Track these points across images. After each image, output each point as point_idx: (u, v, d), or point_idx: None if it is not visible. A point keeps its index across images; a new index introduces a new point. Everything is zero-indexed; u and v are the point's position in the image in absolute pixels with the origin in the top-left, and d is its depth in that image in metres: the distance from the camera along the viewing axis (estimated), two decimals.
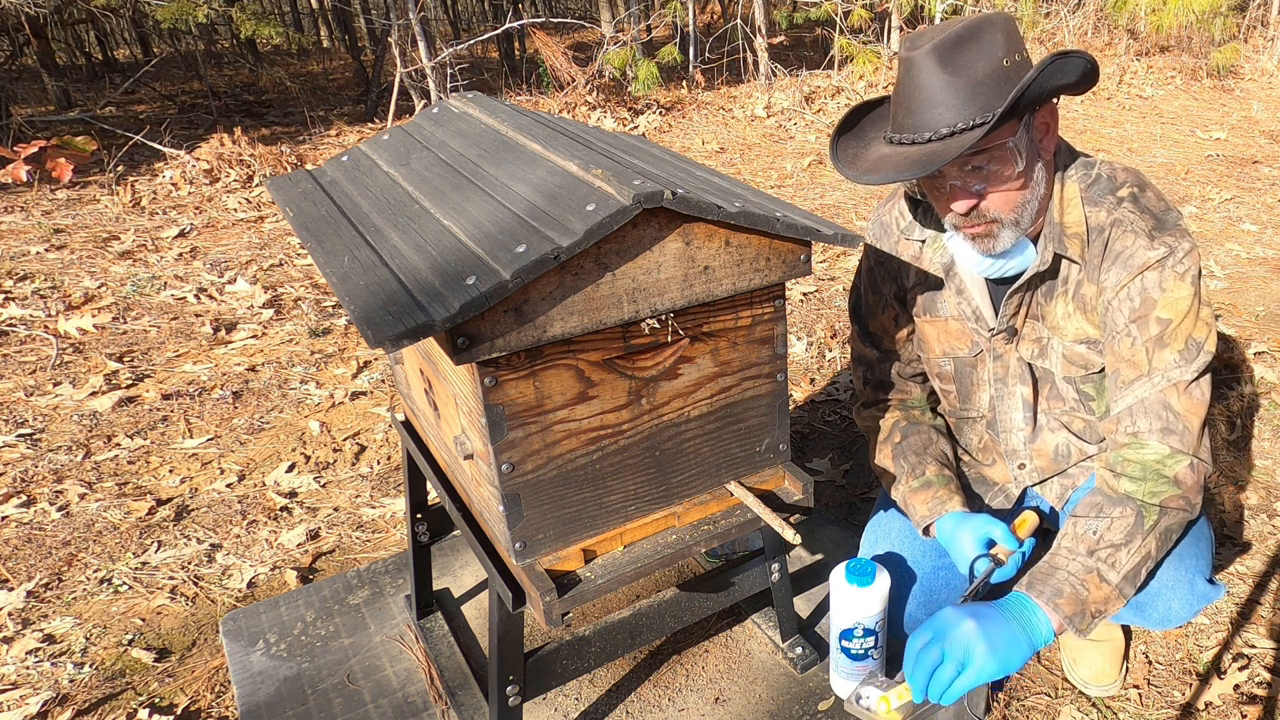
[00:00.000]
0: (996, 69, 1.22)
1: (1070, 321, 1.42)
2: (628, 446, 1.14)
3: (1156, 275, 1.31)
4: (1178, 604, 1.42)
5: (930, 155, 1.22)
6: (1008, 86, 1.21)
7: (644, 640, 1.45)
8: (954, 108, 1.22)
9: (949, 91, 1.21)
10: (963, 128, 1.22)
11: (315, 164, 5.50)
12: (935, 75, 1.21)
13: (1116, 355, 1.36)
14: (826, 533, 1.95)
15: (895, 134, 1.29)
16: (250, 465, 2.57)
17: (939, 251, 1.49)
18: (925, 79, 1.22)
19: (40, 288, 3.79)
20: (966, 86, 1.21)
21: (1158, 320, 1.31)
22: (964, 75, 1.21)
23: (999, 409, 1.55)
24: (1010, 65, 1.23)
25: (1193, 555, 1.42)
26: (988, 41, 1.22)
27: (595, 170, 1.01)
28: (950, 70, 1.21)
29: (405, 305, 0.90)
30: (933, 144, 1.24)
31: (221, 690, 1.79)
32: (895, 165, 1.25)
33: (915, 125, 1.25)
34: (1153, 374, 1.32)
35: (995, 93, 1.21)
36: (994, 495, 1.66)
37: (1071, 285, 1.40)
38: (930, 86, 1.22)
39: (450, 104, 1.46)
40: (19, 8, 5.98)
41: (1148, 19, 7.44)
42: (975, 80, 1.21)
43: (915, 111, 1.24)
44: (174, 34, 10.36)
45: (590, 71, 6.76)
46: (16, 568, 2.15)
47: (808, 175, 5.34)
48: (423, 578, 1.68)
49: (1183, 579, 1.41)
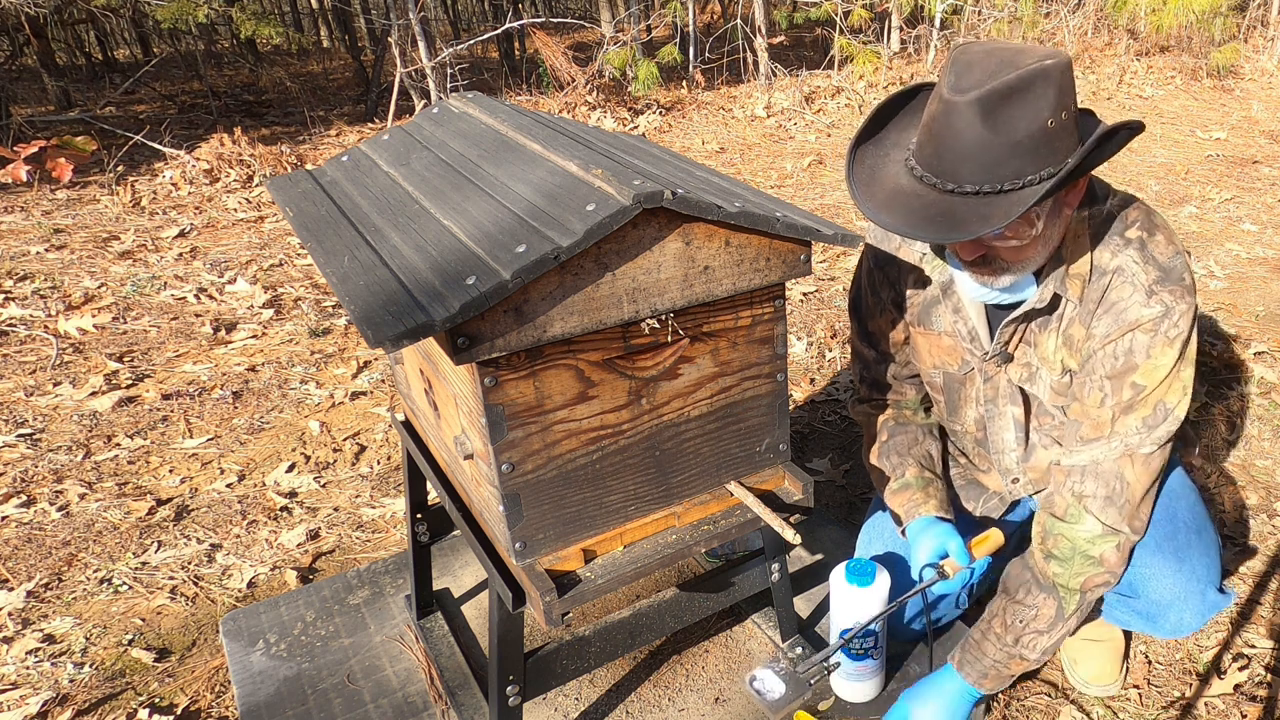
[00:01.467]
0: (1040, 130, 1.13)
1: (1057, 356, 1.39)
2: (628, 446, 1.14)
3: (1146, 339, 1.28)
4: (1189, 615, 1.43)
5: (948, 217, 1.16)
6: (1046, 151, 1.14)
7: (644, 640, 1.45)
8: (986, 167, 1.14)
9: (984, 150, 1.13)
10: (989, 190, 1.15)
11: (315, 164, 5.50)
12: (973, 128, 1.12)
13: (1082, 404, 1.35)
14: (826, 533, 1.95)
15: (919, 165, 1.21)
16: (250, 465, 2.57)
17: (937, 269, 1.47)
18: (962, 129, 1.13)
19: (40, 288, 3.79)
20: (1004, 147, 1.13)
21: (1132, 385, 1.29)
22: (1004, 135, 1.12)
23: (990, 429, 1.55)
24: (1055, 126, 1.14)
25: (1204, 565, 1.42)
26: (1037, 97, 1.12)
27: (595, 170, 1.01)
28: (991, 127, 1.12)
29: (405, 305, 0.90)
30: (955, 196, 1.17)
31: (221, 690, 1.79)
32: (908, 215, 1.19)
33: (941, 170, 1.17)
34: (1112, 438, 1.32)
35: (1031, 157, 1.14)
36: (987, 500, 1.66)
37: (1064, 322, 1.36)
38: (965, 138, 1.13)
39: (450, 104, 1.46)
40: (19, 8, 5.98)
41: (1148, 19, 7.44)
42: (1014, 141, 1.13)
43: (944, 157, 1.16)
44: (174, 34, 10.36)
45: (590, 71, 6.76)
46: (16, 568, 2.15)
47: (808, 175, 5.34)
48: (423, 578, 1.68)
49: (1194, 590, 1.41)
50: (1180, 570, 1.41)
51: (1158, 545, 1.43)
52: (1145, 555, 1.43)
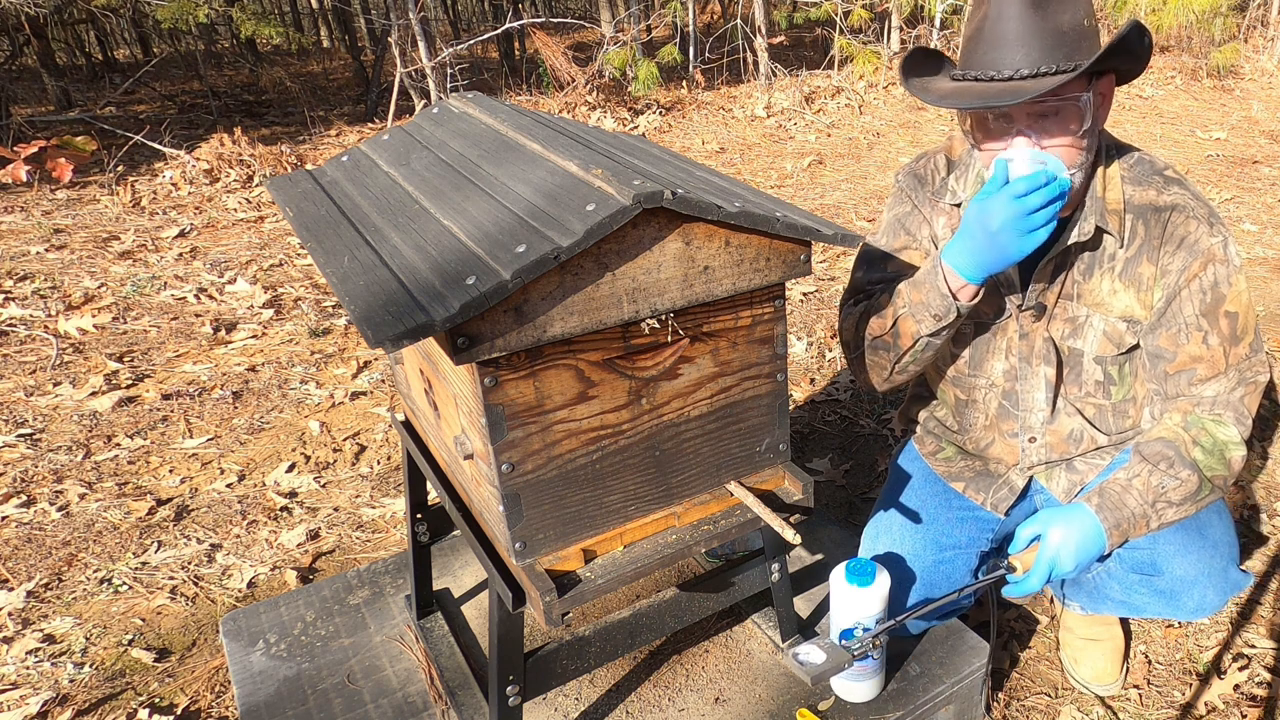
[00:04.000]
0: (1080, 25, 1.25)
1: (1118, 298, 1.43)
2: (628, 446, 1.14)
3: (1225, 270, 1.36)
4: (1212, 593, 1.46)
5: (1013, 90, 1.24)
6: (1086, 44, 1.25)
7: (644, 640, 1.45)
8: (1041, 50, 1.24)
9: (1037, 36, 1.24)
10: (1046, 71, 1.24)
11: (315, 164, 5.50)
12: (1027, 17, 1.24)
13: (1182, 348, 1.40)
14: (826, 533, 1.95)
15: (969, 70, 1.31)
16: (250, 465, 2.57)
17: None
18: (1014, 17, 1.24)
19: (40, 288, 3.79)
20: (1054, 33, 1.24)
21: (1227, 315, 1.36)
22: (1053, 21, 1.24)
23: (1020, 386, 1.54)
24: (1089, 26, 1.27)
25: (1225, 543, 1.46)
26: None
27: (595, 170, 1.01)
28: (1041, 15, 1.23)
29: (405, 305, 0.90)
30: (1014, 82, 1.25)
31: (221, 690, 1.79)
32: (976, 94, 1.27)
33: (996, 62, 1.27)
34: (1229, 371, 1.39)
35: (1076, 46, 1.25)
36: (997, 490, 1.63)
37: (1120, 262, 1.41)
38: (1019, 26, 1.24)
39: (450, 104, 1.46)
40: (19, 8, 5.98)
41: (1148, 19, 7.43)
42: (1061, 30, 1.24)
43: (999, 47, 1.26)
44: (174, 34, 10.37)
45: (590, 71, 6.76)
46: (16, 568, 2.15)
47: (808, 175, 5.34)
48: (423, 578, 1.68)
49: (1217, 567, 1.44)
50: (1204, 547, 1.44)
51: (1180, 525, 1.44)
52: (1168, 533, 1.45)
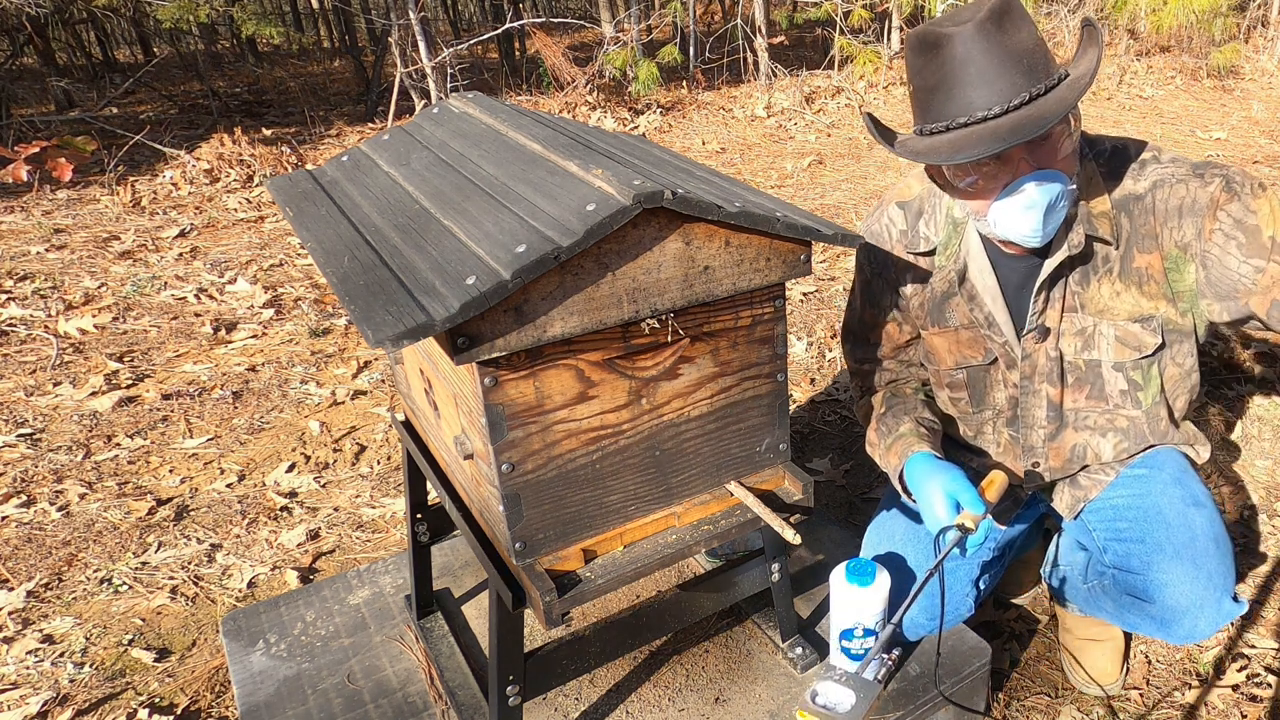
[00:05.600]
0: (1037, 41, 1.20)
1: (1121, 300, 1.39)
2: (628, 446, 1.14)
3: (1237, 205, 1.28)
4: (1203, 622, 1.42)
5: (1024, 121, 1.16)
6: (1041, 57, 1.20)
7: (644, 640, 1.45)
8: (1022, 74, 1.18)
9: (1009, 62, 1.18)
10: (1036, 94, 1.18)
11: (315, 164, 5.50)
12: (994, 46, 1.17)
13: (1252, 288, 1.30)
14: (827, 533, 1.95)
15: (941, 120, 1.23)
16: (250, 465, 2.57)
17: (952, 258, 1.46)
18: (979, 52, 1.18)
19: (40, 288, 3.79)
20: (1016, 57, 1.18)
21: (1271, 240, 1.28)
22: (1016, 44, 1.18)
23: (1021, 405, 1.53)
24: (1041, 39, 1.22)
25: (1221, 574, 1.42)
26: (1020, 15, 1.20)
27: (595, 170, 1.01)
28: (1004, 40, 1.17)
29: (405, 305, 0.90)
30: (1009, 115, 1.18)
31: (221, 690, 1.79)
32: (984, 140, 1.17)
33: (969, 104, 1.20)
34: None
35: (1042, 65, 1.20)
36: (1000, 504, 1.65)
37: (1115, 263, 1.37)
38: (988, 58, 1.18)
39: (450, 104, 1.46)
40: (19, 8, 5.98)
41: (1148, 19, 7.43)
42: (1026, 49, 1.19)
43: (975, 86, 1.19)
44: (175, 34, 10.37)
45: (590, 71, 6.76)
46: (16, 568, 2.15)
47: (808, 175, 5.34)
48: (423, 578, 1.68)
49: (1211, 599, 1.40)
50: (1197, 579, 1.40)
51: (1176, 553, 1.42)
52: (1164, 562, 1.42)
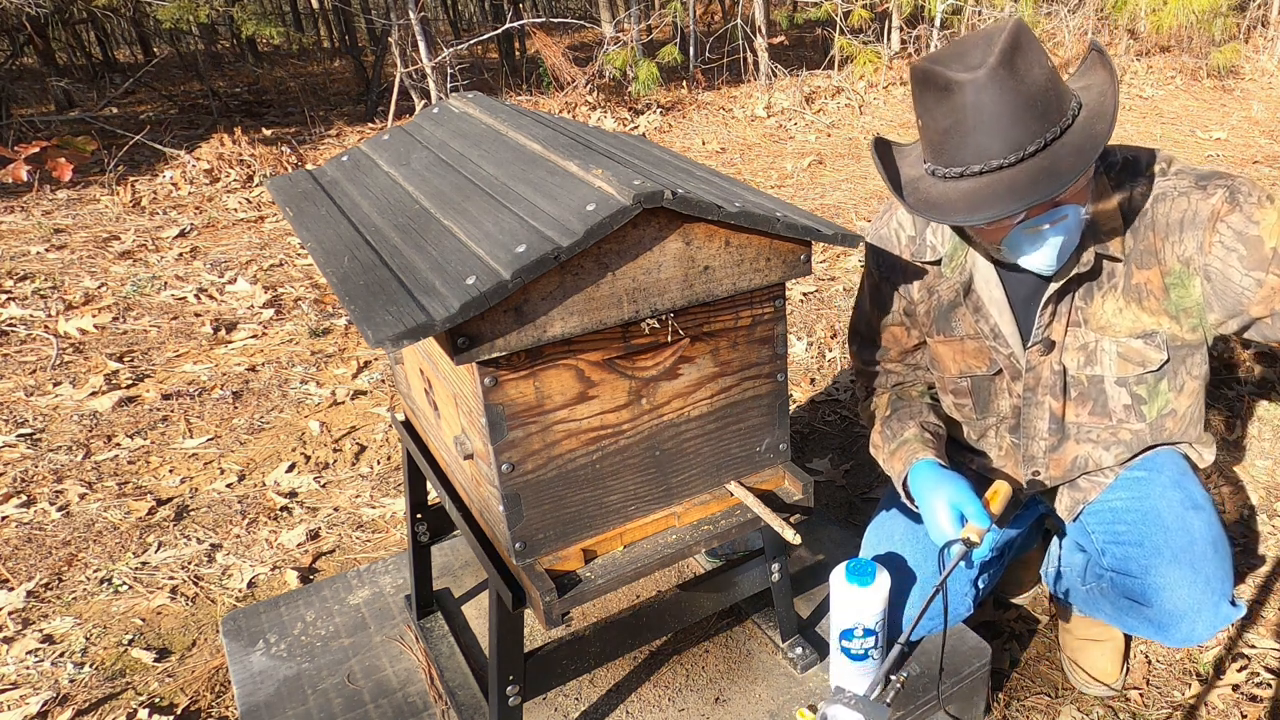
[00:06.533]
0: (1049, 75, 1.17)
1: (1123, 317, 1.38)
2: (628, 446, 1.14)
3: (1239, 216, 1.26)
4: (1201, 626, 1.42)
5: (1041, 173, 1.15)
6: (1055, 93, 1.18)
7: (644, 640, 1.45)
8: (1037, 119, 1.15)
9: (1023, 108, 1.15)
10: (1052, 138, 1.16)
11: (315, 164, 5.50)
12: (1007, 92, 1.14)
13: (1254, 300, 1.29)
14: (827, 533, 1.95)
15: (957, 168, 1.21)
16: (250, 465, 2.57)
17: (958, 269, 1.46)
18: (991, 100, 1.14)
19: (40, 288, 3.79)
20: (1038, 96, 1.15)
21: (1272, 251, 1.26)
22: (1029, 86, 1.15)
23: (1024, 416, 1.52)
24: (1053, 70, 1.18)
25: (1219, 578, 1.42)
26: (1029, 47, 1.16)
27: (595, 170, 1.01)
28: (1017, 85, 1.14)
29: (405, 305, 0.90)
30: (1026, 162, 1.17)
31: (221, 690, 1.79)
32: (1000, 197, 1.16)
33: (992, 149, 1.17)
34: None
35: (1056, 101, 1.17)
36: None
37: (1119, 279, 1.36)
38: (1002, 105, 1.15)
39: (450, 104, 1.46)
40: (19, 8, 5.98)
41: (1148, 19, 7.44)
42: (1041, 88, 1.15)
43: (989, 134, 1.16)
44: (175, 34, 10.37)
45: (590, 71, 6.76)
46: (16, 568, 2.15)
47: (808, 175, 5.34)
48: (423, 578, 1.68)
49: (1208, 603, 1.40)
50: (1195, 583, 1.40)
51: (1174, 556, 1.42)
52: (1162, 565, 1.42)
